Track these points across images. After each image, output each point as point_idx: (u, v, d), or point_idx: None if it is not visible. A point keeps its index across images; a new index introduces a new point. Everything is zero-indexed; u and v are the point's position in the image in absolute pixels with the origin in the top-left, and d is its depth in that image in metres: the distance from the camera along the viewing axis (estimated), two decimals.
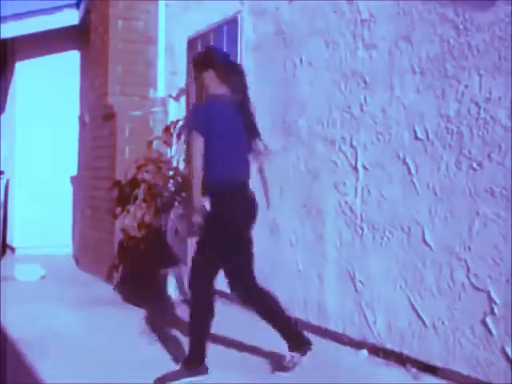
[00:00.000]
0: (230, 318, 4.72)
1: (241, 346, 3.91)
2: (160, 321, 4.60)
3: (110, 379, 3.31)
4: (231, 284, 3.50)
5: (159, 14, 6.55)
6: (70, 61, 8.17)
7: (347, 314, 4.00)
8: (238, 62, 3.79)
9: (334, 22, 4.14)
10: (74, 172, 8.08)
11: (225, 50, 3.94)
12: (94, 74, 6.89)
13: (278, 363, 3.51)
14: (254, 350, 3.82)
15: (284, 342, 3.47)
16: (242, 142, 3.47)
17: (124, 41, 6.40)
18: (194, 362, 3.32)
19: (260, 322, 3.54)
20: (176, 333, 4.19)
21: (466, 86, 3.22)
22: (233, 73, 3.49)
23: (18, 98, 8.20)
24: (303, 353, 3.45)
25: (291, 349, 3.45)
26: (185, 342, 3.94)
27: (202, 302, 3.39)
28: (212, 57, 3.55)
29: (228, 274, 3.48)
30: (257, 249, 4.72)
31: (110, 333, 4.33)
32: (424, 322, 3.46)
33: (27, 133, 8.08)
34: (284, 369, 3.44)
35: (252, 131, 3.53)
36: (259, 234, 4.86)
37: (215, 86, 3.47)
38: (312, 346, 3.48)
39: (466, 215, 3.22)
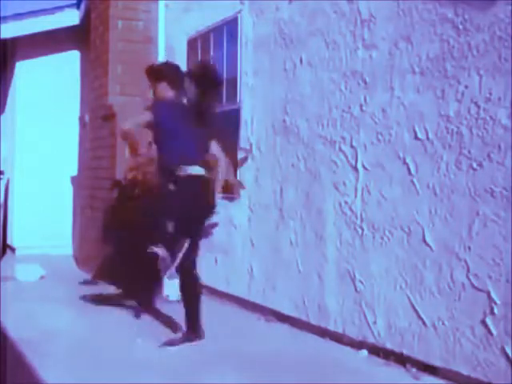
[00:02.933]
0: (227, 316, 4.73)
1: (237, 344, 3.90)
2: (158, 321, 4.60)
3: (109, 379, 3.31)
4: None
5: (159, 14, 6.54)
6: (70, 61, 8.17)
7: (347, 314, 4.00)
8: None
9: (333, 21, 4.14)
10: (74, 172, 8.08)
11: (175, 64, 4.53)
12: (94, 74, 6.89)
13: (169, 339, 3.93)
14: (250, 348, 3.82)
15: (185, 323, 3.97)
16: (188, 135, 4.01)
17: (124, 41, 6.39)
18: (195, 331, 3.94)
19: (259, 321, 3.54)
20: (174, 332, 4.18)
21: (466, 86, 3.23)
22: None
23: (18, 98, 8.20)
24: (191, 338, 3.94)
25: (188, 330, 3.97)
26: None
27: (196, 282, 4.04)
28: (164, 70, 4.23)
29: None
30: (257, 249, 4.74)
31: (109, 333, 4.33)
32: (424, 322, 3.46)
33: (27, 133, 8.07)
34: (170, 343, 3.90)
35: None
36: (259, 233, 4.88)
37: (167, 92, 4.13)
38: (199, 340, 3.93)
39: (466, 215, 3.22)
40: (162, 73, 4.20)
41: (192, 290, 4.02)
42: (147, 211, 4.60)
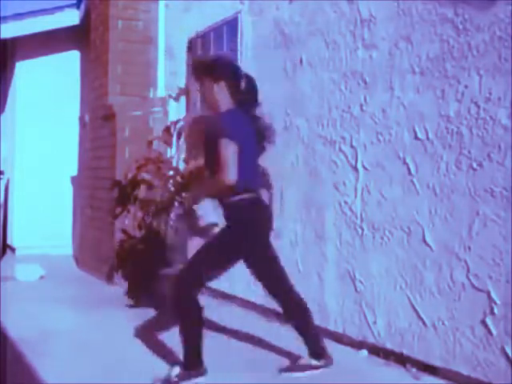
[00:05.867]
0: (230, 318, 4.72)
1: (242, 347, 3.91)
2: (160, 320, 4.60)
3: (109, 379, 3.32)
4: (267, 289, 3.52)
5: (159, 14, 6.55)
6: (70, 61, 8.18)
7: (347, 314, 4.00)
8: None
9: (333, 21, 4.14)
10: (74, 172, 8.08)
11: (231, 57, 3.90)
12: (94, 74, 6.89)
13: (290, 364, 3.53)
14: (250, 348, 3.82)
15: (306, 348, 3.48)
16: (257, 155, 3.47)
17: (124, 41, 6.40)
18: (194, 366, 3.28)
19: (260, 321, 3.53)
20: (176, 332, 4.18)
21: (466, 86, 3.23)
22: (242, 84, 3.42)
23: (18, 98, 8.20)
24: (323, 364, 3.44)
25: (312, 356, 3.46)
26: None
27: (191, 310, 3.31)
28: (225, 67, 3.46)
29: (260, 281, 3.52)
30: None
31: (110, 333, 4.33)
32: (424, 322, 3.46)
33: (27, 133, 8.08)
34: (295, 369, 3.46)
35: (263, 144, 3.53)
36: None
37: (226, 99, 3.37)
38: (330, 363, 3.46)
39: (466, 215, 3.22)
40: (221, 70, 3.40)
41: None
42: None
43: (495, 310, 3.06)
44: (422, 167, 3.49)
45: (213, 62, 3.53)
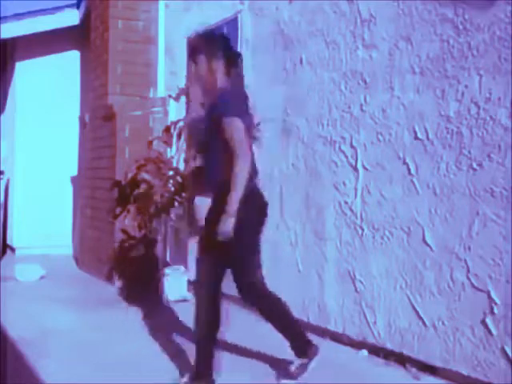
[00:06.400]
0: (237, 321, 4.72)
1: (246, 350, 3.90)
2: (159, 321, 4.60)
3: (109, 379, 3.31)
4: (236, 283, 3.20)
5: (159, 14, 6.55)
6: (70, 61, 8.18)
7: (347, 314, 4.00)
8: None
9: (333, 21, 4.15)
10: (74, 172, 8.08)
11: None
12: (94, 74, 6.89)
13: (284, 371, 3.38)
14: (259, 354, 3.81)
15: (289, 346, 3.33)
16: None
17: (124, 41, 6.40)
18: (203, 376, 3.15)
19: (267, 325, 3.51)
20: (175, 333, 4.19)
21: (466, 86, 3.23)
22: (236, 64, 3.27)
23: (18, 98, 8.20)
24: (310, 357, 3.30)
25: (298, 355, 3.32)
26: (182, 341, 3.94)
27: (210, 309, 3.16)
28: (221, 44, 3.25)
29: (233, 273, 3.21)
30: None
31: (109, 333, 4.33)
32: (424, 322, 3.46)
33: (27, 133, 8.07)
34: (291, 376, 3.30)
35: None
36: None
37: (222, 78, 3.19)
38: (318, 351, 3.32)
39: (465, 215, 3.22)
40: (214, 46, 3.21)
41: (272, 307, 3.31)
42: None
43: (495, 310, 3.06)
44: (421, 167, 3.49)
45: (207, 39, 3.31)
